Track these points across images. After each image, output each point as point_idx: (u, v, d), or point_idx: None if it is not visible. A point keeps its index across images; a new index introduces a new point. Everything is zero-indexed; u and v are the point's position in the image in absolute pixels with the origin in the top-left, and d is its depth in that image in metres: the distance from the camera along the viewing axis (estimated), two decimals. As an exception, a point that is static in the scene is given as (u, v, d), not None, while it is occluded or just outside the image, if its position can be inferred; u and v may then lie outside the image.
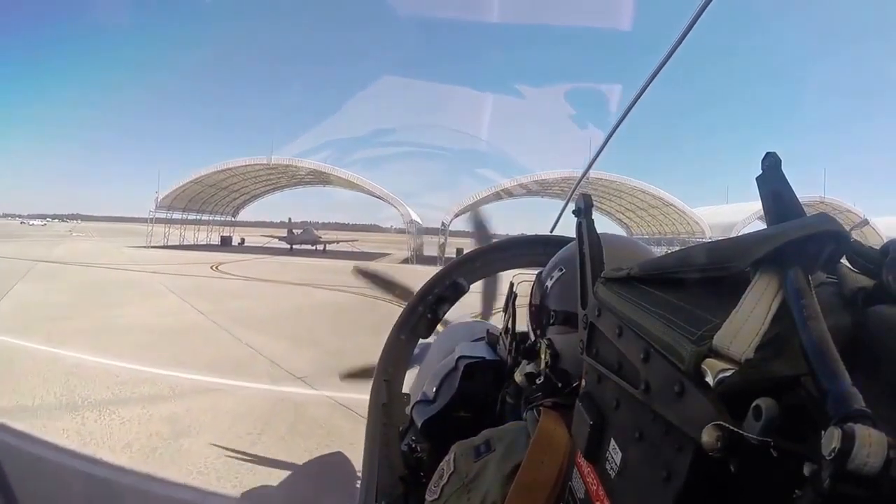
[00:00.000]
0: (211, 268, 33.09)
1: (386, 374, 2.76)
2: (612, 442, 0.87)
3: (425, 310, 2.81)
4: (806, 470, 0.54)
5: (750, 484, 0.60)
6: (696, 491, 0.66)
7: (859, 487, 0.49)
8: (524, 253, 2.88)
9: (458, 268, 2.88)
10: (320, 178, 56.84)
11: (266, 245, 61.57)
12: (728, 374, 0.61)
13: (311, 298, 21.73)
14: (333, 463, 6.63)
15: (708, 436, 0.59)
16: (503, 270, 3.08)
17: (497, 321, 3.47)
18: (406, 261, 45.92)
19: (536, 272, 1.94)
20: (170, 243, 55.73)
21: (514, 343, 2.10)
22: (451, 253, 44.33)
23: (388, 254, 57.11)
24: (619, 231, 63.75)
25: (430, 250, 48.33)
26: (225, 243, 63.14)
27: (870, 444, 0.48)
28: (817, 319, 0.61)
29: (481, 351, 2.54)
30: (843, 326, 0.68)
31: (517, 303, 2.26)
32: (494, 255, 2.98)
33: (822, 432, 0.51)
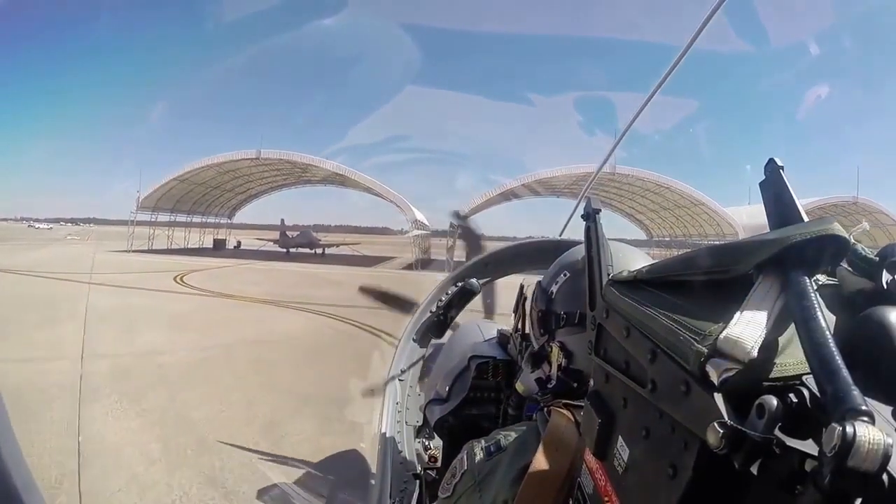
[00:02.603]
0: (174, 278, 26.74)
1: (399, 374, 2.96)
2: (620, 439, 0.88)
3: (437, 311, 3.02)
4: (807, 466, 0.55)
5: (753, 479, 0.61)
6: (701, 487, 0.68)
7: (859, 484, 0.50)
8: (535, 256, 3.00)
9: (469, 270, 3.10)
10: (318, 176, 50.57)
11: (262, 249, 55.20)
12: (732, 373, 0.63)
13: (271, 326, 15.34)
14: (348, 460, 6.28)
15: (712, 433, 0.60)
16: (514, 273, 3.14)
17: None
18: (410, 266, 39.82)
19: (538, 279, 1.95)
20: (156, 247, 49.35)
21: (524, 343, 2.20)
22: (459, 256, 38.30)
23: (391, 258, 50.81)
24: (639, 233, 59.60)
25: (440, 254, 42.40)
26: (218, 247, 56.60)
27: (870, 441, 0.49)
28: (818, 320, 0.63)
29: (492, 350, 2.65)
30: (844, 327, 0.71)
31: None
32: (506, 258, 3.16)
33: (824, 430, 0.52)
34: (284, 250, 52.71)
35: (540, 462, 1.22)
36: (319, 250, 54.11)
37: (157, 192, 46.22)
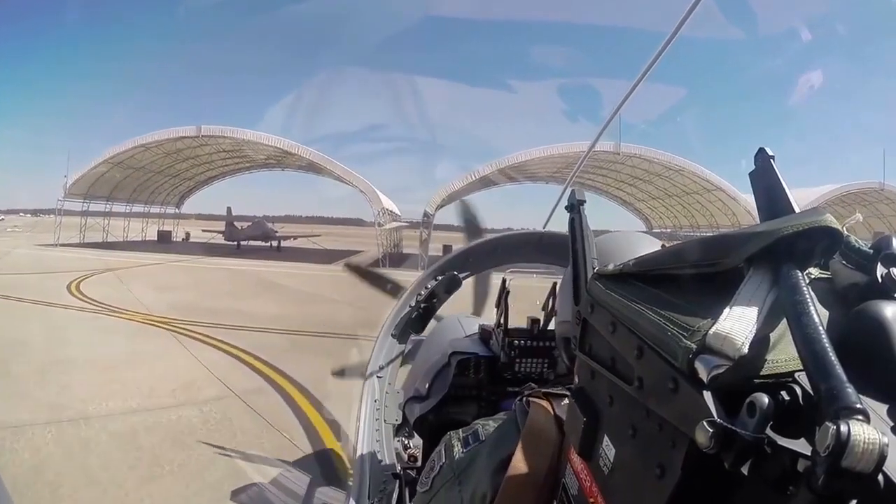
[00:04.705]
0: (69, 286, 21.12)
1: (377, 371, 2.85)
2: (606, 438, 0.87)
3: (417, 306, 2.91)
4: (800, 466, 0.55)
5: (744, 480, 0.60)
6: (690, 487, 0.67)
7: (854, 484, 0.49)
8: (519, 249, 2.98)
9: (450, 264, 2.96)
10: (265, 154, 45.38)
11: (210, 241, 49.53)
12: (722, 370, 0.62)
13: (132, 377, 9.87)
14: (325, 459, 6.35)
15: (701, 432, 0.59)
16: (497, 266, 3.16)
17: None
18: (377, 262, 34.93)
19: (532, 268, 2.03)
20: (91, 240, 44.05)
21: (506, 339, 2.51)
22: (435, 251, 33.93)
23: (358, 251, 45.52)
24: (637, 223, 55.00)
25: (414, 248, 37.75)
26: (163, 239, 51.15)
27: (865, 440, 0.48)
28: (811, 315, 0.62)
29: (474, 346, 2.76)
30: (837, 322, 0.70)
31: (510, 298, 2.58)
32: (488, 251, 3.04)
33: (817, 429, 0.52)
34: (234, 244, 47.78)
35: (520, 461, 1.16)
36: (275, 243, 49.11)
37: (88, 177, 40.79)
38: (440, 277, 2.92)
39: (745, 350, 0.61)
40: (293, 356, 11.22)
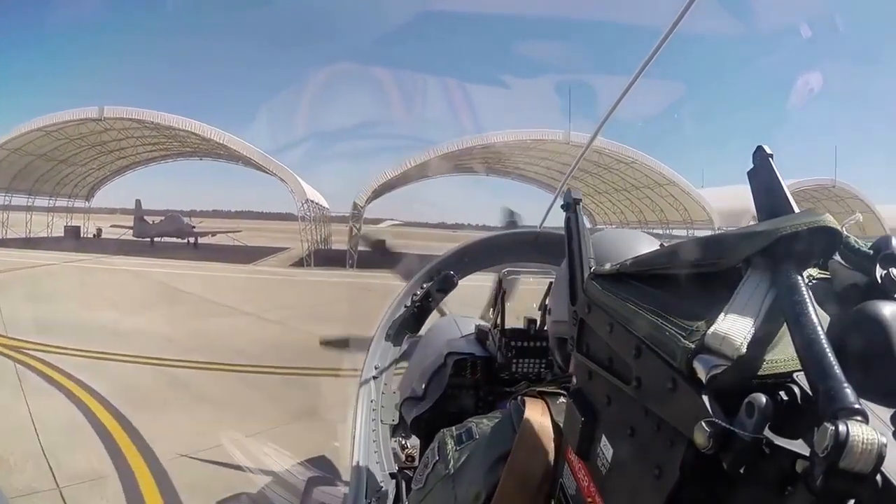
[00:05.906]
0: None
1: (374, 371, 2.91)
2: (604, 438, 0.88)
3: (412, 306, 3.02)
4: (798, 467, 0.56)
5: (742, 480, 0.61)
6: (688, 487, 0.68)
7: (852, 485, 0.50)
8: (515, 248, 3.02)
9: (445, 263, 3.01)
10: (190, 145, 42.63)
11: (122, 238, 46.23)
12: (720, 370, 0.63)
13: None
14: (322, 460, 6.12)
15: (700, 433, 0.60)
16: (493, 266, 3.11)
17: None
18: (301, 262, 32.65)
19: (528, 267, 2.10)
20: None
21: (503, 339, 2.50)
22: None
23: (283, 248, 43.85)
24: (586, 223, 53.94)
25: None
26: (71, 235, 47.31)
27: (863, 441, 0.49)
28: (810, 316, 0.63)
29: (470, 347, 2.74)
30: (836, 323, 0.71)
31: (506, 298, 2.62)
32: (483, 250, 3.11)
33: (815, 429, 0.52)
34: (147, 240, 45.01)
35: (516, 461, 1.18)
36: (192, 240, 46.49)
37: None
38: (437, 277, 2.99)
39: (744, 350, 0.62)
40: (162, 408, 8.40)
